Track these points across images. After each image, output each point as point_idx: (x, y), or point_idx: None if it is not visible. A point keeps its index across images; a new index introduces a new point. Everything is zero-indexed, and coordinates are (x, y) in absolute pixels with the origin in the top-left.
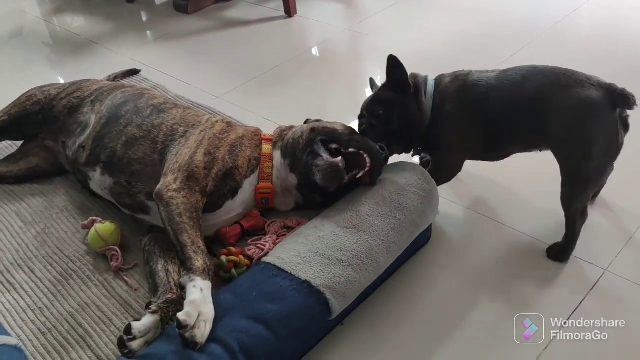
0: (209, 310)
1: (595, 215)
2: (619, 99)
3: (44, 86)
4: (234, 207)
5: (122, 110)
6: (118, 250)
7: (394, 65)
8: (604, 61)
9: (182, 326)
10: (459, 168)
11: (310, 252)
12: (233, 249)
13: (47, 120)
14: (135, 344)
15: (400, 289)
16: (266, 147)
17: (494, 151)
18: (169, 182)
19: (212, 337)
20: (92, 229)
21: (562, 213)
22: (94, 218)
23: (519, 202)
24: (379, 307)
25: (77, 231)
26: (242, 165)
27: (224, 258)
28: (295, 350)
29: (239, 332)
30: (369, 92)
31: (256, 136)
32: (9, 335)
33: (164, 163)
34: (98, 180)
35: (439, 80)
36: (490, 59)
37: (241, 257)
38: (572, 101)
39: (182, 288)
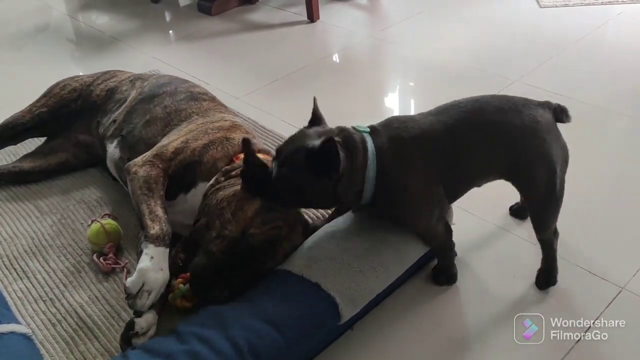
0: (154, 280)
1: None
2: (559, 114)
3: (73, 77)
4: (185, 207)
5: (161, 90)
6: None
7: (330, 151)
8: (626, 77)
9: (125, 293)
10: (443, 225)
11: (321, 256)
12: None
13: (84, 108)
14: (139, 341)
15: (413, 297)
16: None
17: (455, 197)
18: (138, 159)
19: (222, 335)
20: (98, 224)
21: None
22: (108, 213)
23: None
24: (390, 313)
25: None
26: (206, 163)
27: (181, 286)
28: (304, 353)
29: (248, 332)
30: (388, 100)
31: (240, 151)
32: (19, 323)
33: None
34: (111, 153)
35: (377, 143)
36: (513, 71)
37: None
38: (528, 123)
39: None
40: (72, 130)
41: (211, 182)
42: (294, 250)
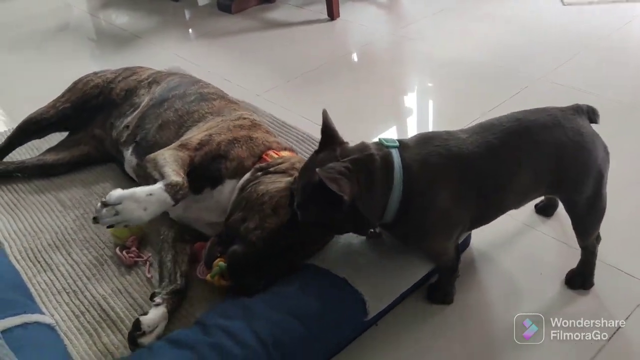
0: (131, 209)
1: None
2: (591, 115)
3: (97, 72)
4: (211, 203)
5: (170, 94)
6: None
7: (322, 182)
8: None
9: (101, 200)
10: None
11: (350, 252)
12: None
13: (105, 104)
14: (145, 340)
15: None
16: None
17: (487, 220)
18: (160, 150)
19: (247, 327)
20: None
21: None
22: None
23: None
24: (415, 309)
25: None
26: (232, 160)
27: (221, 263)
28: (328, 348)
29: (273, 325)
30: (408, 98)
31: (265, 149)
32: (43, 314)
33: None
34: (128, 159)
35: (406, 160)
36: (536, 69)
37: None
38: (573, 137)
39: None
40: (92, 124)
41: (247, 176)
42: (324, 245)
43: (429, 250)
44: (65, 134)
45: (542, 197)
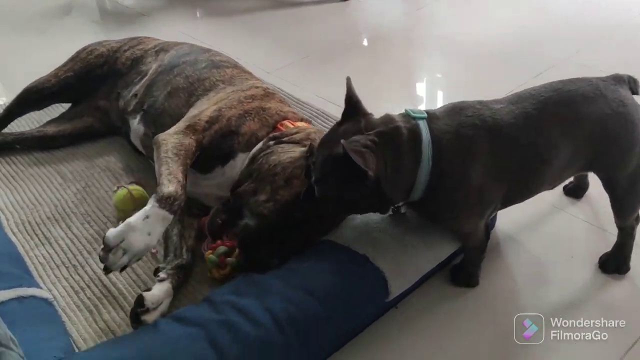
0: (135, 241)
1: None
2: (632, 86)
3: (101, 41)
4: (222, 180)
5: (181, 60)
6: None
7: (347, 155)
8: None
9: (103, 243)
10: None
11: (371, 228)
12: (219, 241)
13: (109, 74)
14: (149, 317)
15: None
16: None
17: (521, 198)
18: (169, 130)
19: (259, 305)
20: (124, 189)
21: None
22: (135, 181)
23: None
24: (437, 292)
25: None
26: (244, 134)
27: (211, 256)
28: (345, 330)
29: (288, 303)
30: (422, 80)
31: (280, 119)
32: (40, 288)
33: None
34: (135, 129)
35: (435, 132)
36: (559, 51)
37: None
38: (617, 108)
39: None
40: (96, 95)
41: (259, 146)
42: (343, 220)
43: (459, 229)
44: (67, 107)
45: (571, 178)
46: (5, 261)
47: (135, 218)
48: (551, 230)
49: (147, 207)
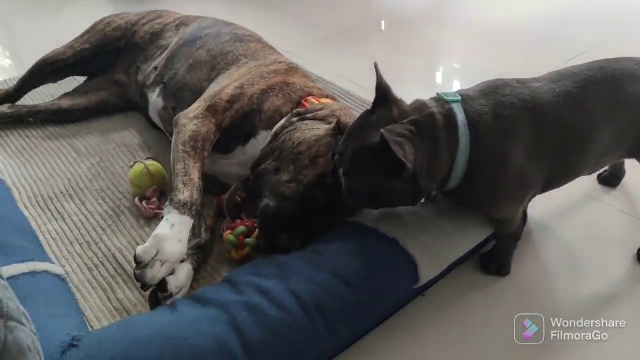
0: (171, 251)
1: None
2: None
3: (119, 14)
4: (242, 159)
5: (203, 32)
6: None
7: (385, 146)
8: None
9: (135, 261)
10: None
11: (401, 210)
12: (238, 221)
13: (127, 47)
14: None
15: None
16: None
17: (559, 183)
18: (189, 110)
19: (284, 287)
20: (141, 164)
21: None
22: (151, 156)
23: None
24: (466, 280)
25: None
26: (267, 111)
27: (229, 236)
28: (372, 315)
29: (314, 285)
30: (446, 63)
31: (305, 95)
32: (53, 263)
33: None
34: (153, 102)
35: (471, 114)
36: (589, 37)
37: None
38: None
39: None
40: (113, 69)
41: (282, 122)
42: None
43: (497, 214)
44: (81, 81)
45: (606, 167)
46: (18, 235)
47: (162, 229)
48: (586, 219)
49: (168, 216)
